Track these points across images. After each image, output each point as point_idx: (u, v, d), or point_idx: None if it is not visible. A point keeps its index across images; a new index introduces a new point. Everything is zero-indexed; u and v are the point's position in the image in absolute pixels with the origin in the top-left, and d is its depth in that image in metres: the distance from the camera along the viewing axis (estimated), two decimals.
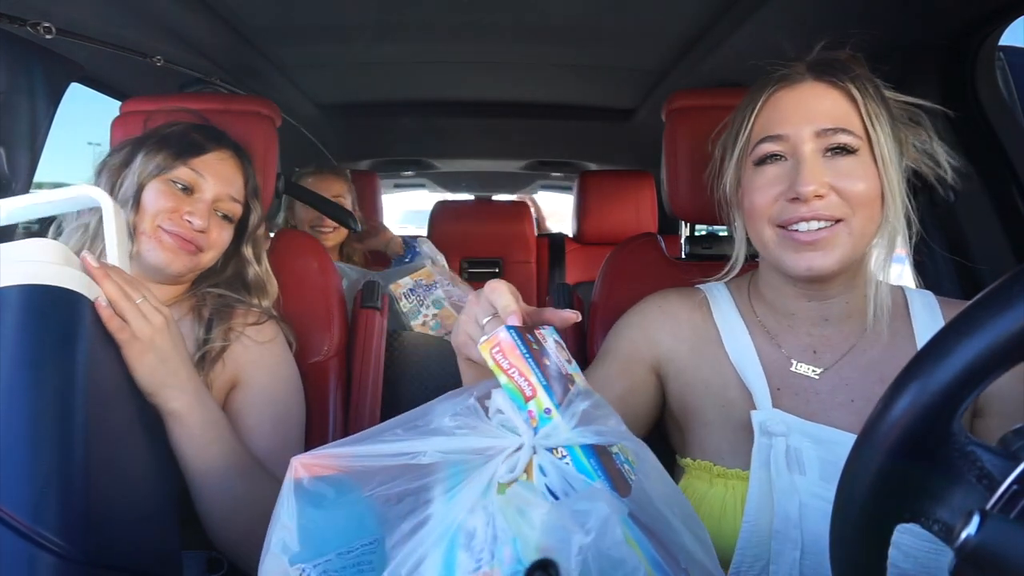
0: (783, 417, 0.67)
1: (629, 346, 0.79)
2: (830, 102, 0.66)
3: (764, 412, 0.68)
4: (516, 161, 2.63)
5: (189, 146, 0.87)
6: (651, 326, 0.79)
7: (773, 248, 0.68)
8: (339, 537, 0.45)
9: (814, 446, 0.65)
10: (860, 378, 0.68)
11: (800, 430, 0.66)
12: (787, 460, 0.65)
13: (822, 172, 0.64)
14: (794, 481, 0.64)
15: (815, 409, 0.68)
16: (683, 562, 0.41)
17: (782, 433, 0.66)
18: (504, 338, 0.45)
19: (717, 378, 0.74)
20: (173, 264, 0.83)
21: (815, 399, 0.69)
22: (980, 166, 1.00)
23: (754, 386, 0.70)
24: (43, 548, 0.44)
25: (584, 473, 0.42)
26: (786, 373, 0.71)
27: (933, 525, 0.32)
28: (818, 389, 0.69)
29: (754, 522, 0.64)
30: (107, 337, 0.64)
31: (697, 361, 0.75)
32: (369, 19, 1.22)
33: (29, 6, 0.95)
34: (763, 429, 0.66)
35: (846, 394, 0.68)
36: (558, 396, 0.44)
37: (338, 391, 1.03)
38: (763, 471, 0.65)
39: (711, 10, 1.09)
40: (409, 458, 0.44)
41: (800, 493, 0.63)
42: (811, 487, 0.63)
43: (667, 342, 0.77)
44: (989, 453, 0.31)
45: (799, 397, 0.69)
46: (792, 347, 0.72)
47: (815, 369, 0.70)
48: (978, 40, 0.97)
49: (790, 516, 0.63)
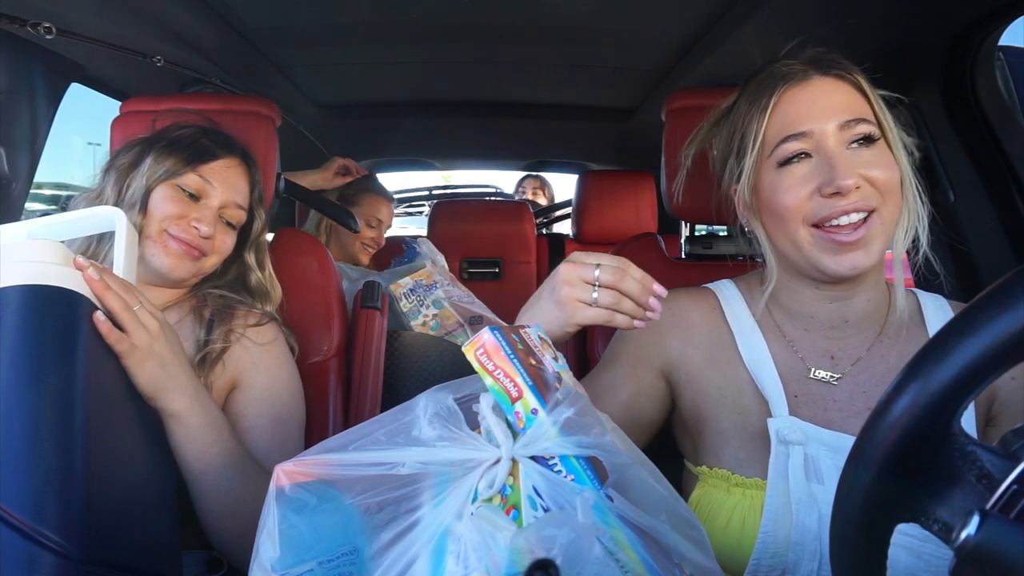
0: (800, 425, 0.65)
1: (637, 350, 0.77)
2: (844, 95, 0.67)
3: (781, 420, 0.66)
4: (516, 161, 2.63)
5: (199, 152, 0.87)
6: (660, 328, 0.75)
7: (810, 250, 0.66)
8: (321, 544, 0.45)
9: (832, 455, 0.64)
10: (877, 384, 0.67)
11: (817, 439, 0.64)
12: (805, 469, 0.63)
13: (855, 164, 0.64)
14: (812, 491, 0.62)
15: (833, 417, 0.67)
16: (676, 558, 0.41)
17: (800, 442, 0.64)
18: (488, 339, 0.45)
19: (732, 385, 0.72)
20: (176, 270, 0.84)
21: (833, 407, 0.67)
22: (980, 166, 1.00)
23: (771, 393, 0.69)
24: (43, 547, 0.44)
25: (573, 473, 0.42)
26: (803, 380, 0.69)
27: (933, 525, 0.32)
28: (836, 396, 0.68)
29: (772, 532, 0.63)
30: None
31: (711, 367, 0.73)
32: (369, 19, 1.22)
33: (29, 6, 0.95)
34: (780, 438, 0.65)
35: (864, 401, 0.66)
36: (545, 396, 0.44)
37: (338, 391, 1.03)
38: (781, 481, 0.64)
39: (711, 10, 1.09)
40: (388, 468, 0.44)
41: (819, 503, 0.62)
42: (830, 497, 0.62)
43: (677, 346, 0.75)
44: (989, 453, 0.31)
45: (817, 405, 0.68)
46: (809, 352, 0.71)
47: (834, 375, 0.69)
48: (978, 40, 0.97)
49: (808, 528, 0.61)
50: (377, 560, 0.42)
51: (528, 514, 0.42)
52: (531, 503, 0.42)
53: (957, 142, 1.01)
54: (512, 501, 0.43)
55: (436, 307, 1.45)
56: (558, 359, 0.51)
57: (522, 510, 0.42)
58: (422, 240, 1.78)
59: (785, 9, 0.97)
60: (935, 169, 1.04)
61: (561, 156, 2.53)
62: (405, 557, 0.42)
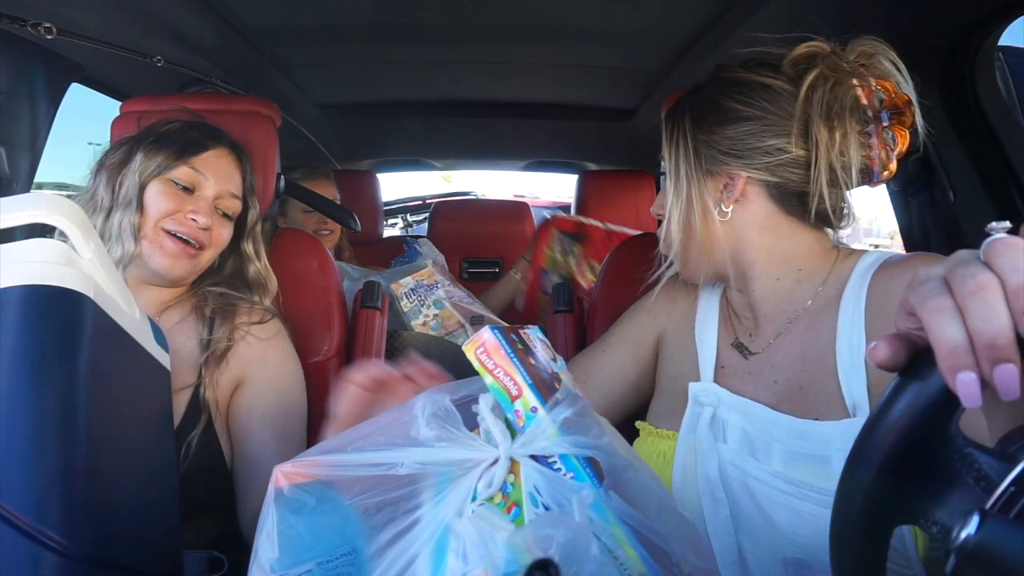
0: (716, 390, 0.74)
1: (639, 330, 0.86)
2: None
3: (700, 384, 0.76)
4: (516, 161, 2.62)
5: (189, 145, 0.87)
6: (658, 308, 0.86)
7: None
8: (319, 545, 0.45)
9: (739, 417, 0.71)
10: (783, 359, 0.72)
11: (729, 403, 0.72)
12: (712, 428, 0.71)
13: None
14: (718, 448, 0.70)
15: (748, 388, 0.73)
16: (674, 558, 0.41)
17: (712, 404, 0.73)
18: (488, 338, 0.46)
19: (679, 354, 0.82)
20: (173, 269, 0.84)
21: (748, 378, 0.74)
22: (980, 166, 1.00)
23: (703, 362, 0.78)
24: (46, 547, 0.44)
25: (573, 471, 0.43)
26: (730, 353, 0.77)
27: (932, 527, 0.32)
28: (751, 369, 0.75)
29: (681, 481, 0.71)
30: (108, 337, 0.64)
31: (675, 339, 0.84)
32: (369, 19, 1.22)
33: (29, 6, 0.95)
34: (696, 399, 0.74)
35: (772, 375, 0.73)
36: (544, 394, 0.44)
37: None
38: (689, 435, 0.73)
39: (711, 10, 1.09)
40: (386, 469, 0.45)
41: (722, 459, 0.69)
42: (730, 455, 0.69)
43: (663, 322, 0.85)
44: (987, 455, 0.31)
45: (736, 376, 0.75)
46: (740, 331, 0.78)
47: (749, 352, 0.76)
48: (978, 40, 0.97)
49: (711, 477, 0.69)
50: (377, 559, 0.42)
51: (529, 512, 0.42)
52: (532, 501, 0.42)
53: (957, 142, 1.02)
54: (513, 499, 0.43)
55: (437, 307, 1.45)
56: (556, 360, 0.51)
57: (523, 508, 0.42)
58: (423, 240, 1.78)
59: (784, 9, 0.97)
60: (935, 169, 1.04)
61: (561, 156, 2.52)
62: (406, 555, 0.42)
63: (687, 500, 0.70)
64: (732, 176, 0.72)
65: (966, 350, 0.29)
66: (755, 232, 0.73)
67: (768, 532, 0.65)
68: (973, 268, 0.30)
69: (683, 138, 0.74)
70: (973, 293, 0.30)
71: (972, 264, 0.31)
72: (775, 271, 0.74)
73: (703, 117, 0.73)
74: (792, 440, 0.66)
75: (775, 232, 0.73)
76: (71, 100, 1.20)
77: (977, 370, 0.29)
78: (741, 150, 0.71)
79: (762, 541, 0.65)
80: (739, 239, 0.74)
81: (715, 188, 0.73)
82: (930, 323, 0.30)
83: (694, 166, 0.73)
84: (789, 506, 0.63)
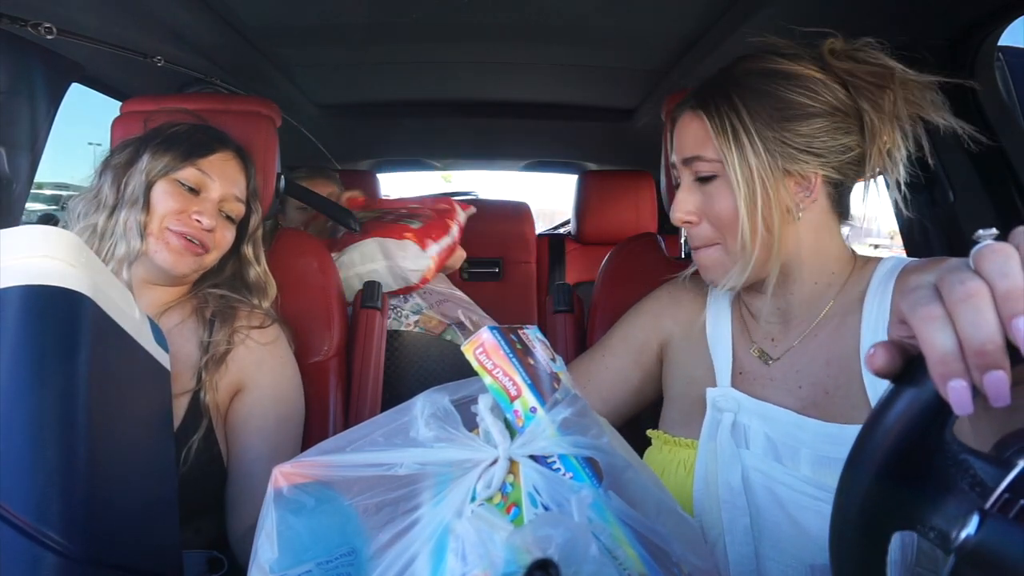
0: (735, 395, 0.72)
1: (642, 334, 0.84)
2: (693, 131, 0.72)
3: (718, 390, 0.73)
4: (516, 161, 2.62)
5: (196, 146, 0.88)
6: (662, 311, 0.84)
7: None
8: (319, 545, 0.45)
9: (761, 423, 0.69)
10: (808, 364, 0.71)
11: (749, 408, 0.71)
12: (733, 434, 0.69)
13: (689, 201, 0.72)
14: (740, 454, 0.68)
15: (769, 393, 0.72)
16: (675, 557, 0.41)
17: (731, 409, 0.71)
18: (487, 339, 0.46)
19: (692, 359, 0.79)
20: (178, 266, 0.84)
21: (770, 384, 0.72)
22: (980, 166, 1.00)
23: (719, 367, 0.76)
24: (46, 547, 0.44)
25: (572, 471, 0.43)
26: (748, 358, 0.75)
27: (929, 532, 0.32)
28: (772, 375, 0.73)
29: (703, 490, 0.69)
30: (108, 337, 0.64)
31: (684, 343, 0.81)
32: (369, 19, 1.22)
33: (29, 6, 0.95)
34: (715, 405, 0.72)
35: (795, 380, 0.71)
36: (544, 394, 0.44)
37: (338, 391, 1.04)
38: (710, 442, 0.70)
39: (711, 10, 1.09)
40: (386, 469, 0.45)
41: (744, 465, 0.67)
42: (754, 461, 0.68)
43: (668, 326, 0.83)
44: (981, 461, 0.31)
45: (756, 382, 0.73)
46: (758, 334, 0.76)
47: (770, 357, 0.74)
48: (978, 40, 0.97)
49: (733, 485, 0.67)
50: (376, 560, 0.42)
51: (528, 512, 0.42)
52: (531, 500, 0.42)
53: (957, 142, 1.01)
54: (512, 499, 0.43)
55: (415, 313, 1.45)
56: (556, 360, 0.51)
57: (523, 508, 0.43)
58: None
59: (784, 9, 0.97)
60: (935, 169, 1.04)
61: (561, 156, 2.52)
62: (405, 555, 0.42)
63: (707, 508, 0.68)
64: (804, 175, 0.67)
65: (956, 357, 0.30)
66: (813, 233, 0.70)
67: (795, 538, 0.64)
68: (962, 275, 0.31)
69: (746, 134, 0.66)
70: (962, 300, 0.30)
71: (961, 271, 0.31)
72: (816, 274, 0.72)
73: (763, 111, 0.67)
74: (820, 444, 0.65)
75: (827, 232, 0.71)
76: (71, 100, 1.20)
77: (968, 377, 0.29)
78: (819, 148, 0.67)
79: (787, 548, 0.64)
80: (799, 240, 0.70)
81: (794, 188, 0.68)
82: (921, 331, 0.31)
83: (769, 165, 0.66)
84: (818, 511, 0.62)
